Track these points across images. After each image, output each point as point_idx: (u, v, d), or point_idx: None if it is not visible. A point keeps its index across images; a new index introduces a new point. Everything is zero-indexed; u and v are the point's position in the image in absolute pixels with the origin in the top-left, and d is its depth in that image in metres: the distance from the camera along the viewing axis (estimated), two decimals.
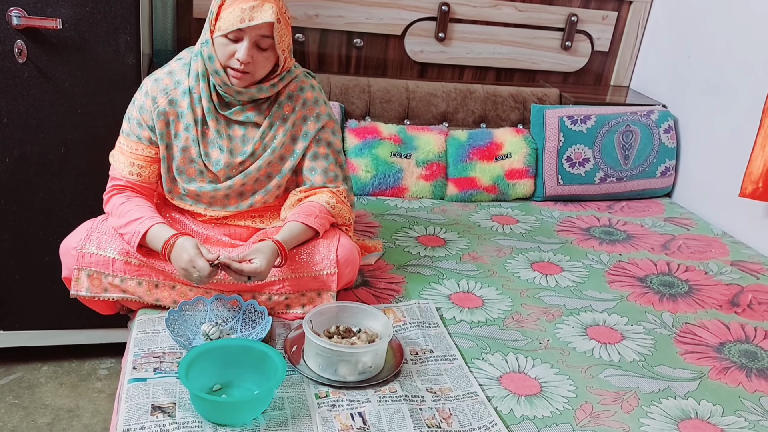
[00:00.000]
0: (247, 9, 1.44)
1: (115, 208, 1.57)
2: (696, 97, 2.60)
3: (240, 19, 1.44)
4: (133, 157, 1.60)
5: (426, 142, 2.42)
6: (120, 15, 1.85)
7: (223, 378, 1.37)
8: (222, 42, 1.49)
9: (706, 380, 1.57)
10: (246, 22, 1.44)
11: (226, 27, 1.46)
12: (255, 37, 1.48)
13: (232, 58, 1.49)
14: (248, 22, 1.44)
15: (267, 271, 1.48)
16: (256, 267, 1.45)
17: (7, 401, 2.08)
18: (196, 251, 1.44)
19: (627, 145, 2.57)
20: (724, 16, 2.47)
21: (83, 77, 1.89)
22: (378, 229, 2.13)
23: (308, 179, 1.68)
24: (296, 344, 1.49)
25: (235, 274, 1.46)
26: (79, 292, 1.55)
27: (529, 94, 2.68)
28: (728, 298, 1.94)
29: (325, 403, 1.35)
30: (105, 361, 2.29)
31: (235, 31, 1.46)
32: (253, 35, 1.48)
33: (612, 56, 2.91)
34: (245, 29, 1.46)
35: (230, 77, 1.52)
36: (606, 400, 1.46)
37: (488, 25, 2.69)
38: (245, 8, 1.44)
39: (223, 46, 1.49)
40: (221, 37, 1.49)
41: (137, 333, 1.51)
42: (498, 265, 1.99)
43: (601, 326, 1.74)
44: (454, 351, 1.55)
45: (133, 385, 1.34)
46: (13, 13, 1.77)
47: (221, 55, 1.50)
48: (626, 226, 2.37)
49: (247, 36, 1.47)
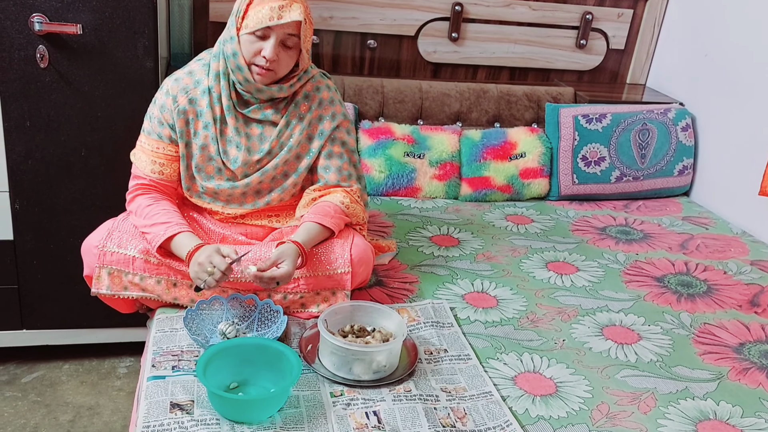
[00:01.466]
0: (276, 8, 1.48)
1: (141, 209, 1.60)
2: (713, 94, 2.58)
3: (269, 17, 1.47)
4: (155, 156, 1.63)
5: (439, 142, 2.42)
6: (138, 20, 1.88)
7: (240, 376, 1.38)
8: (249, 39, 1.52)
9: (725, 381, 1.55)
10: (275, 20, 1.47)
11: (255, 24, 1.49)
12: (282, 36, 1.51)
13: (257, 55, 1.52)
14: (278, 20, 1.47)
15: (293, 274, 1.51)
16: (285, 271, 1.48)
17: (30, 399, 2.12)
18: (215, 250, 1.47)
19: (644, 143, 2.55)
20: (741, 12, 2.44)
21: (103, 81, 1.92)
22: (391, 229, 2.13)
23: (322, 177, 1.69)
24: (311, 343, 1.51)
25: (265, 283, 1.48)
26: (99, 290, 1.57)
27: (544, 93, 2.67)
28: (748, 297, 1.92)
29: (340, 401, 1.36)
30: (125, 360, 2.33)
31: (263, 28, 1.49)
32: (281, 33, 1.50)
33: (628, 54, 2.89)
34: (273, 27, 1.49)
35: (254, 74, 1.54)
36: (623, 400, 1.45)
37: (502, 25, 2.69)
38: (274, 7, 1.48)
39: (249, 44, 1.52)
40: (248, 35, 1.51)
41: (156, 331, 1.53)
42: (513, 265, 1.99)
43: (617, 326, 1.73)
44: (468, 351, 1.56)
45: (153, 382, 1.36)
46: (35, 20, 1.80)
47: (246, 51, 1.52)
48: (643, 226, 2.35)
49: (274, 34, 1.50)
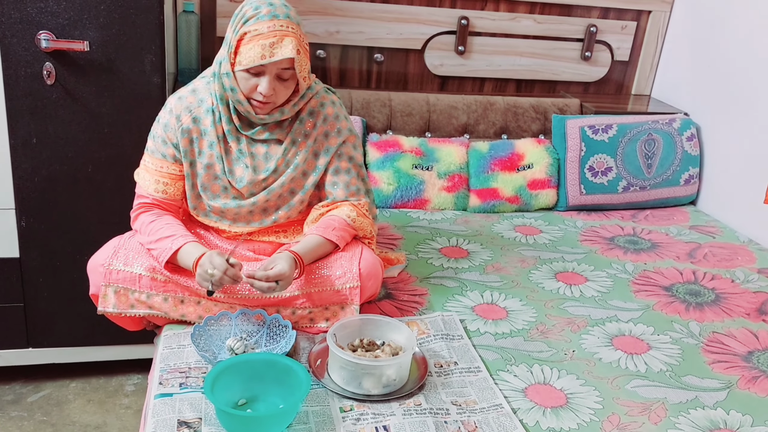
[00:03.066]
0: (267, 45, 1.45)
1: (144, 226, 1.60)
2: (718, 104, 2.57)
3: (261, 56, 1.46)
4: (159, 175, 1.63)
5: (447, 154, 2.42)
6: (146, 36, 1.88)
7: (248, 392, 1.37)
8: (243, 76, 1.51)
9: (735, 390, 1.54)
10: (267, 58, 1.46)
11: (247, 63, 1.47)
12: (276, 71, 1.50)
13: (254, 91, 1.51)
14: (269, 58, 1.46)
15: (291, 275, 1.49)
16: (279, 269, 1.46)
17: (36, 418, 2.11)
18: (217, 252, 1.47)
19: (650, 153, 2.55)
20: (743, 24, 2.44)
21: (110, 97, 1.93)
22: (401, 242, 2.13)
23: (330, 194, 1.69)
24: (320, 358, 1.50)
25: (262, 284, 1.46)
26: (106, 308, 1.57)
27: (550, 105, 2.67)
28: (756, 306, 1.91)
29: (350, 416, 1.35)
30: (132, 377, 2.32)
31: (256, 66, 1.48)
32: (274, 69, 1.49)
33: (632, 65, 2.89)
34: (266, 65, 1.48)
35: (254, 108, 1.55)
36: (633, 411, 1.44)
37: (507, 38, 2.70)
38: (265, 44, 1.45)
39: (244, 80, 1.51)
40: (243, 72, 1.50)
41: (163, 348, 1.52)
42: (522, 276, 1.98)
43: (627, 336, 1.72)
44: (478, 363, 1.55)
45: (160, 400, 1.35)
46: (42, 37, 1.82)
47: (243, 87, 1.52)
48: (651, 235, 2.34)
49: (268, 71, 1.49)
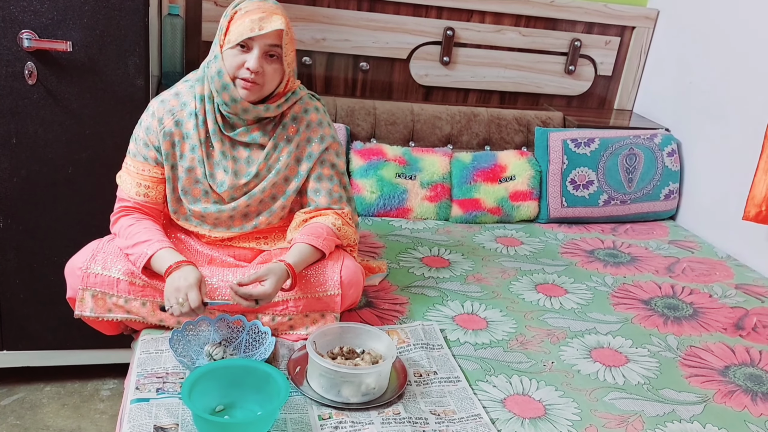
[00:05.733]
0: (256, 19, 1.49)
1: (123, 230, 1.58)
2: (698, 121, 2.61)
3: (250, 29, 1.49)
4: (140, 178, 1.61)
5: (431, 164, 2.43)
6: (130, 38, 1.87)
7: (226, 399, 1.36)
8: (232, 53, 1.52)
9: (711, 404, 1.56)
10: (256, 30, 1.49)
11: (236, 38, 1.50)
12: (264, 47, 1.51)
13: (241, 68, 1.52)
14: (258, 31, 1.49)
15: (274, 294, 1.49)
16: (263, 290, 1.46)
17: (9, 422, 2.07)
18: (196, 283, 1.45)
19: (631, 168, 2.58)
20: (724, 42, 2.49)
21: (92, 99, 1.91)
22: (382, 250, 2.13)
23: (313, 201, 1.69)
24: (300, 365, 1.49)
25: (241, 298, 1.46)
26: (83, 312, 1.55)
27: (533, 117, 2.69)
28: (733, 321, 1.93)
29: (329, 424, 1.34)
30: (108, 382, 2.28)
31: (245, 40, 1.50)
32: (263, 44, 1.51)
33: (615, 80, 2.93)
34: (255, 38, 1.50)
35: (239, 89, 1.54)
36: (611, 423, 1.45)
37: (492, 50, 2.72)
38: (254, 19, 1.49)
39: (232, 57, 1.52)
40: (231, 49, 1.52)
41: (140, 353, 1.50)
42: (502, 287, 1.99)
43: (605, 349, 1.73)
44: (458, 373, 1.55)
45: (136, 405, 1.33)
46: (25, 36, 1.80)
47: (230, 66, 1.53)
48: (630, 249, 2.37)
49: (257, 45, 1.51)
